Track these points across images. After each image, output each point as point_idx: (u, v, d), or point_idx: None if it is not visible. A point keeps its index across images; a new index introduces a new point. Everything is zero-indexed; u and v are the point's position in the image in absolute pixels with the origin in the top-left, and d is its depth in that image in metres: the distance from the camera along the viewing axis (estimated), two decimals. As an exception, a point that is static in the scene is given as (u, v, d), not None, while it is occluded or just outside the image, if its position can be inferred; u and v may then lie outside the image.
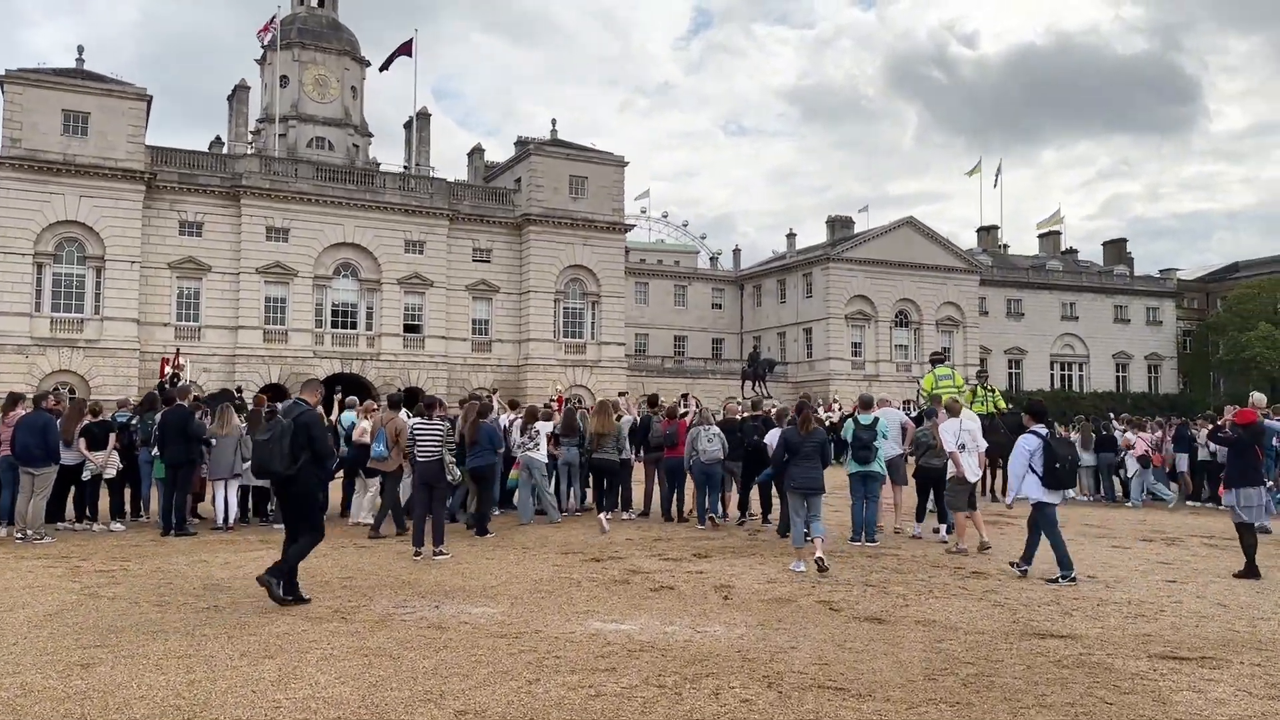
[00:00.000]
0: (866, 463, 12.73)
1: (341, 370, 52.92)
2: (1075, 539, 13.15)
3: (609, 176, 61.12)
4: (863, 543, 12.66)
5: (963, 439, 12.02)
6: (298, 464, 8.11)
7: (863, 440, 12.73)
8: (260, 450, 8.40)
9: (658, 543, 12.48)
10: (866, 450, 12.67)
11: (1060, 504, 10.26)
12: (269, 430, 8.41)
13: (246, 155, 54.71)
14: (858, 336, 70.24)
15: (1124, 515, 16.93)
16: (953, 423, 12.33)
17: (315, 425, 8.35)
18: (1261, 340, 69.79)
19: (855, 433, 12.88)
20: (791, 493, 11.26)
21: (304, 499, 8.37)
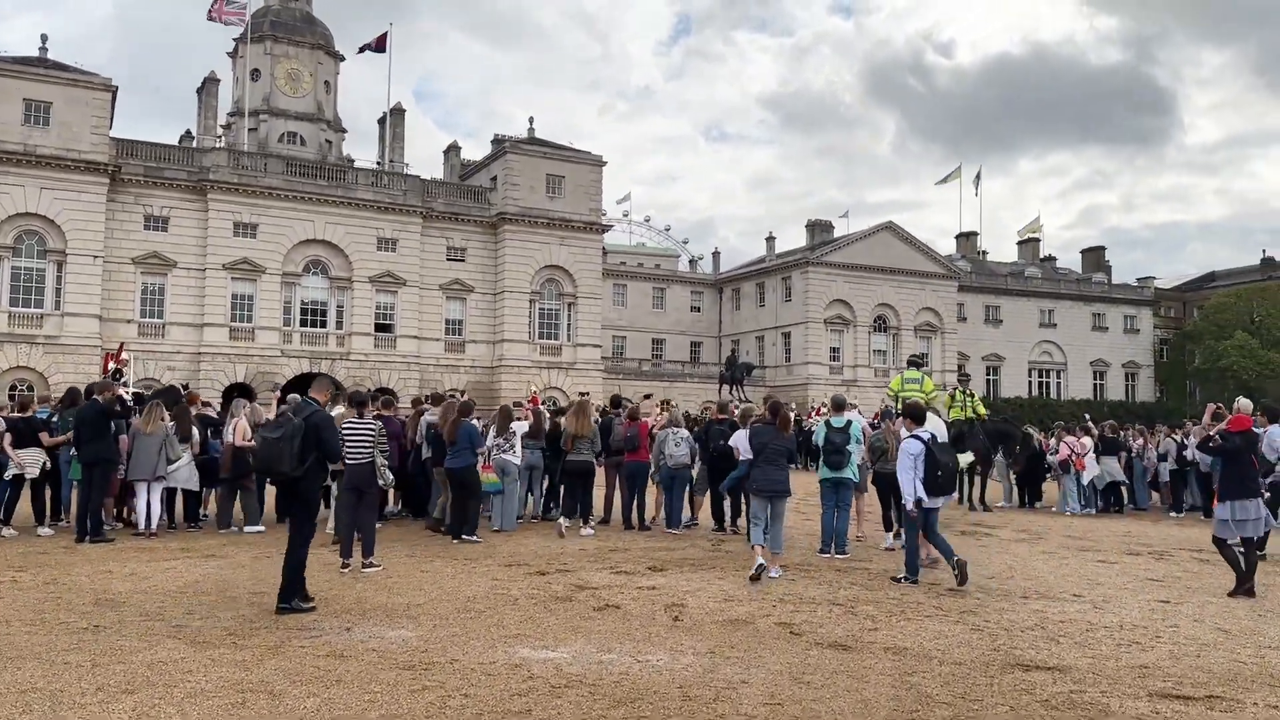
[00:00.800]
0: (839, 468, 11.93)
1: (310, 370, 51.64)
2: (1057, 552, 12.37)
3: (586, 176, 60.21)
4: (832, 554, 11.88)
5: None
6: (305, 465, 7.92)
7: (835, 444, 11.91)
8: (268, 449, 8.10)
9: (613, 554, 11.60)
10: (839, 455, 11.86)
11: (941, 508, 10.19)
12: (278, 428, 8.12)
13: (214, 149, 53.47)
14: (836, 341, 69.64)
15: (1106, 526, 16.18)
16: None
17: (326, 427, 8.15)
18: (1238, 349, 69.75)
19: (827, 435, 12.07)
20: (755, 495, 10.46)
21: (306, 502, 8.24)
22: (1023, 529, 15.30)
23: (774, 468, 10.42)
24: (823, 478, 12.16)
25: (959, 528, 15.27)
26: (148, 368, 49.66)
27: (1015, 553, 12.27)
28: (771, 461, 10.44)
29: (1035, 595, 9.19)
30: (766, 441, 10.51)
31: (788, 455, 10.60)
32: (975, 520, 16.60)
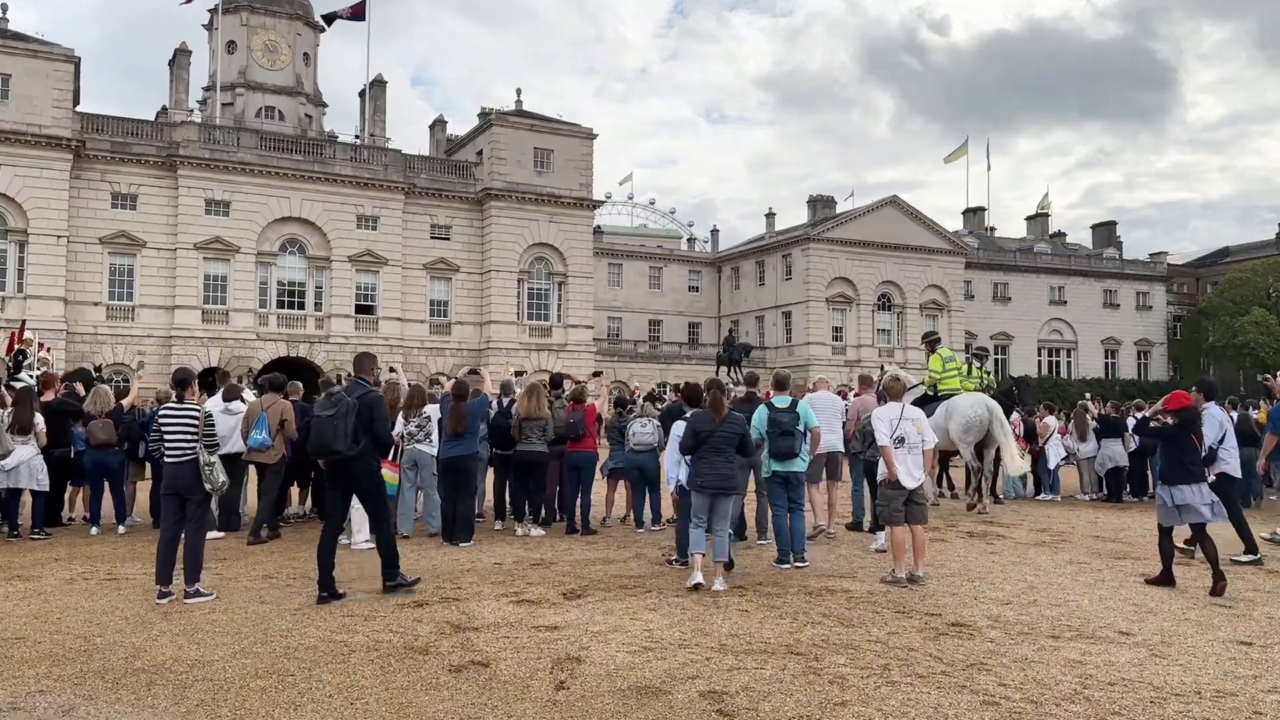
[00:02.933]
0: (790, 456, 9.68)
1: (287, 354, 49.48)
2: (1088, 562, 10.04)
3: (576, 149, 57.69)
4: (792, 565, 9.63)
5: (902, 430, 8.98)
6: (359, 445, 7.75)
7: (783, 425, 9.63)
8: (322, 427, 7.81)
9: (533, 569, 9.32)
10: (789, 438, 9.61)
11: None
12: (332, 407, 7.84)
13: (184, 123, 51.03)
14: (839, 320, 67.20)
15: (1131, 522, 13.81)
16: (891, 408, 9.18)
17: (378, 406, 7.95)
18: (1255, 326, 67.18)
19: (771, 417, 9.78)
20: (696, 492, 8.25)
21: (364, 483, 8.06)
22: (1041, 528, 12.98)
23: (719, 459, 8.27)
24: (768, 473, 9.94)
25: (965, 526, 12.96)
26: (116, 352, 47.60)
27: (1036, 564, 9.96)
28: (717, 451, 8.27)
29: (1069, 633, 6.87)
30: (710, 429, 8.28)
31: (736, 443, 8.38)
32: (985, 518, 14.29)
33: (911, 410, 9.34)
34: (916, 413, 9.37)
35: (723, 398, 8.48)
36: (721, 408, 8.39)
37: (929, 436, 9.18)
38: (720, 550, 8.29)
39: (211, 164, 49.49)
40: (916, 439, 9.05)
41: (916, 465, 8.95)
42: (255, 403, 12.15)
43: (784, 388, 10.35)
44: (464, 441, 10.88)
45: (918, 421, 9.10)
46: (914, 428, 9.05)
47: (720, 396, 8.45)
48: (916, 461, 8.95)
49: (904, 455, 8.94)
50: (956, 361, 15.86)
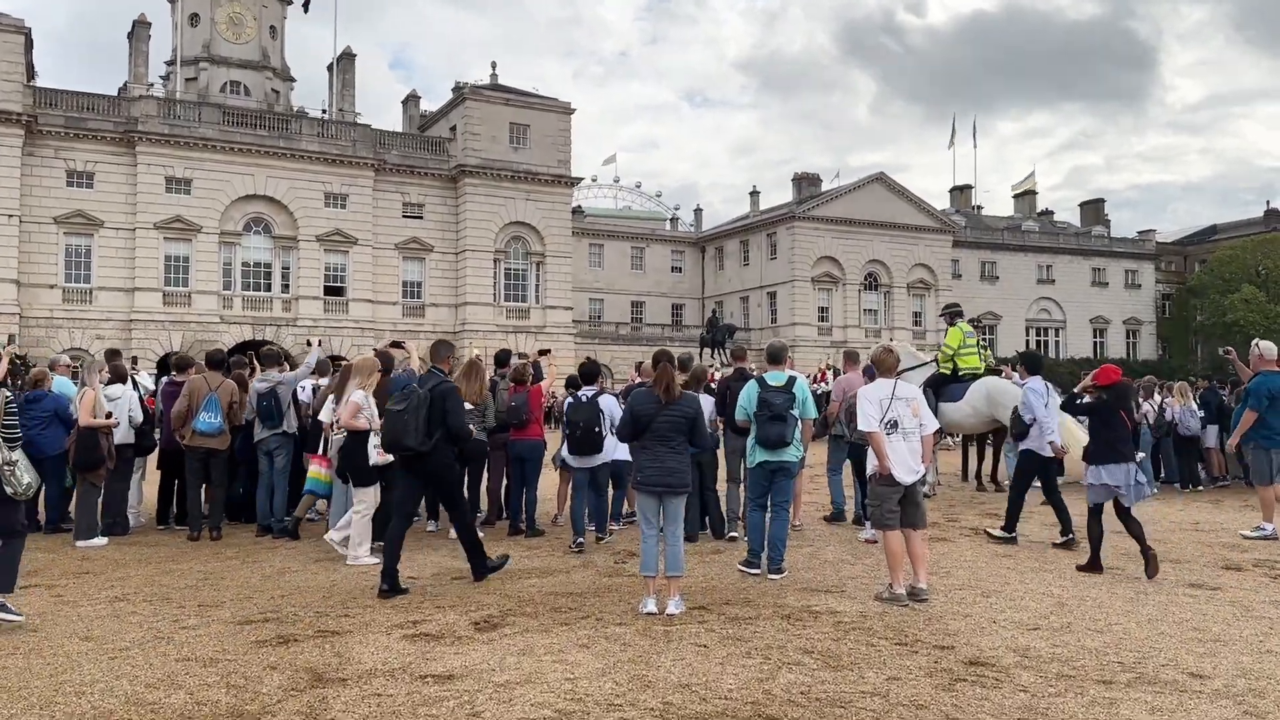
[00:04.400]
0: (780, 445, 8.05)
1: (253, 337, 47.47)
2: (1122, 566, 8.46)
3: (554, 125, 55.79)
4: (763, 573, 8.08)
5: (895, 413, 7.40)
6: (433, 439, 7.50)
7: (775, 407, 8.00)
8: (394, 422, 7.55)
9: (450, 586, 7.69)
10: (780, 424, 7.97)
11: None
12: (404, 400, 7.59)
13: (143, 97, 48.85)
14: (824, 300, 65.67)
15: (1157, 512, 12.27)
16: (881, 386, 7.57)
17: (452, 397, 7.71)
18: (1245, 303, 65.99)
19: (762, 397, 8.16)
20: (639, 492, 6.80)
21: (441, 478, 7.87)
22: (1052, 522, 11.32)
23: (665, 450, 6.71)
24: (756, 461, 8.30)
25: (968, 521, 11.40)
26: (74, 337, 45.63)
27: (1059, 571, 8.38)
28: (663, 440, 6.71)
29: (1123, 674, 5.28)
30: (652, 412, 6.67)
31: (686, 430, 6.77)
32: (985, 509, 12.73)
33: (905, 389, 7.69)
34: (911, 391, 7.73)
35: (674, 373, 6.84)
36: (672, 386, 6.76)
37: (928, 419, 7.59)
38: (674, 561, 6.68)
39: (172, 140, 47.47)
40: (913, 424, 7.46)
41: (913, 455, 7.40)
42: (199, 380, 10.60)
43: (779, 361, 8.74)
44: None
45: (913, 402, 7.54)
46: (909, 410, 7.47)
47: (670, 371, 6.81)
48: (913, 450, 7.41)
49: (897, 443, 7.38)
50: (977, 337, 14.48)
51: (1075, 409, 9.12)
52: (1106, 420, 8.28)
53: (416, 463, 7.58)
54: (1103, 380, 8.46)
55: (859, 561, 8.65)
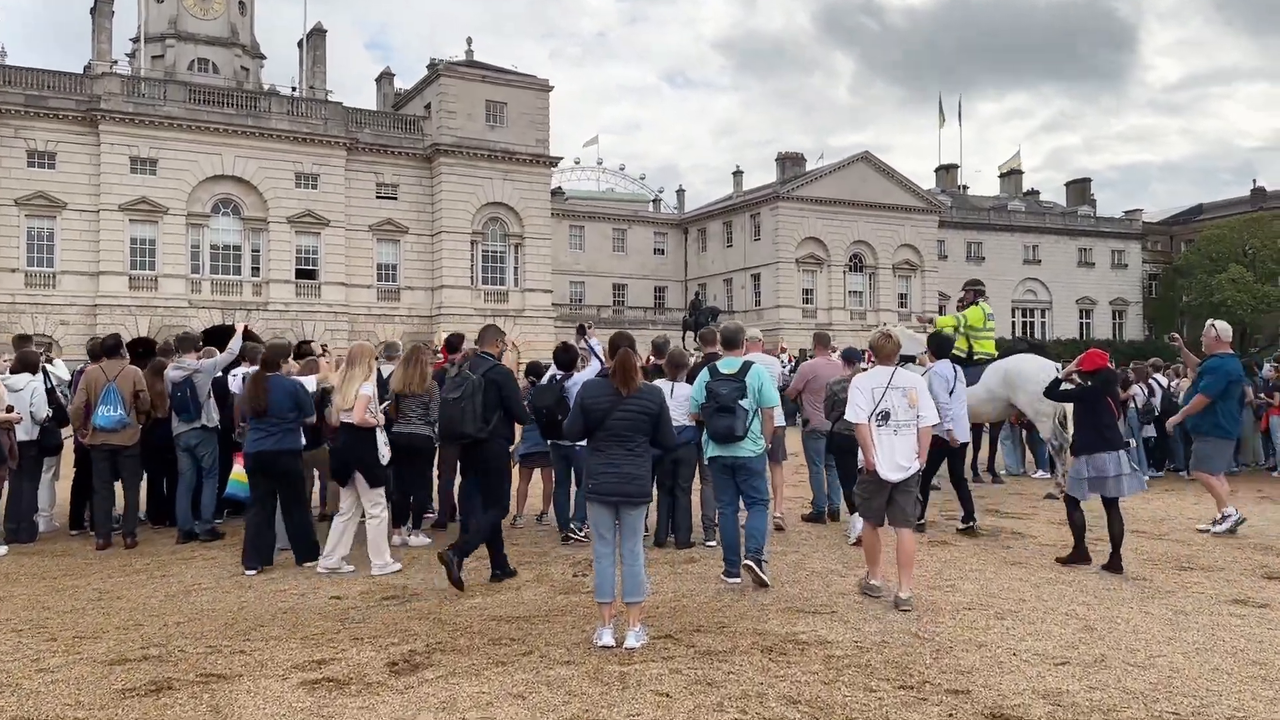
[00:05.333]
0: (730, 438, 7.17)
1: (222, 321, 46.14)
2: (1144, 575, 7.47)
3: (531, 102, 54.42)
4: (745, 565, 7.23)
5: (888, 403, 6.72)
6: (490, 426, 7.33)
7: (721, 399, 7.16)
8: (450, 409, 7.39)
9: (377, 609, 6.62)
10: (728, 415, 7.11)
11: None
12: (458, 386, 7.42)
13: (106, 75, 47.20)
14: (809, 282, 64.70)
15: (1172, 508, 11.32)
16: (876, 374, 6.89)
17: (508, 382, 7.54)
18: (1232, 283, 65.42)
19: (709, 388, 7.30)
20: (591, 502, 5.75)
21: (493, 466, 7.63)
22: (1061, 519, 10.36)
23: (623, 452, 5.70)
24: (709, 456, 7.48)
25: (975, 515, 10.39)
26: (37, 322, 44.16)
27: (1079, 583, 7.34)
28: (620, 440, 5.70)
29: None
30: (607, 407, 5.63)
31: (648, 429, 5.74)
32: (989, 502, 11.76)
33: (905, 377, 6.92)
34: (912, 379, 6.96)
35: (634, 360, 5.78)
36: (631, 375, 5.70)
37: (927, 411, 6.80)
38: (633, 584, 5.63)
39: (136, 119, 45.93)
40: (908, 415, 6.71)
41: (906, 450, 6.70)
42: (95, 371, 9.49)
43: (735, 346, 7.74)
44: (277, 430, 8.09)
45: (911, 391, 6.79)
46: (904, 400, 6.73)
47: (631, 358, 5.75)
48: (907, 445, 6.71)
49: (887, 436, 6.71)
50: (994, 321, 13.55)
51: (1060, 396, 8.66)
52: (1093, 407, 7.93)
53: (473, 450, 7.45)
54: (1088, 366, 8.14)
55: (850, 573, 7.62)
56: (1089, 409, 7.96)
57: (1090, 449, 7.77)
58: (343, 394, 8.00)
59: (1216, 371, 9.69)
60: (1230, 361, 9.78)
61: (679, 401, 8.46)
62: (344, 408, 7.99)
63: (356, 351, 8.30)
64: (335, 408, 8.12)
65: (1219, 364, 9.72)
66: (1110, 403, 7.97)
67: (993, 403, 12.52)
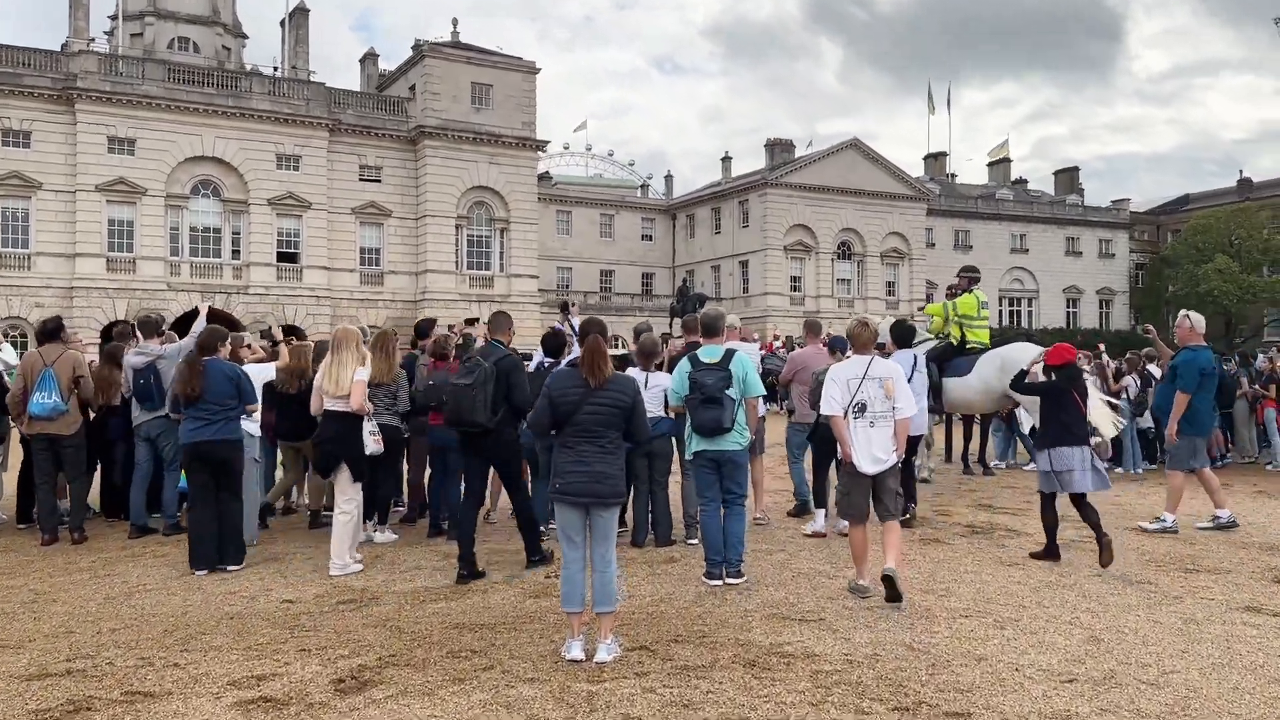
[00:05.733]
0: (718, 431, 6.79)
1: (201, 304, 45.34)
2: (1147, 577, 7.08)
3: (518, 85, 53.72)
4: (724, 578, 6.83)
5: (864, 395, 6.49)
6: (498, 416, 7.14)
7: (707, 389, 6.76)
8: (461, 397, 7.09)
9: (329, 615, 6.15)
10: (715, 407, 6.74)
11: None
12: (469, 374, 7.16)
13: (82, 53, 46.24)
14: (797, 270, 64.29)
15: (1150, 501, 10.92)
16: (852, 364, 6.68)
17: (517, 372, 7.33)
18: (1219, 273, 65.28)
19: (692, 379, 6.89)
20: (558, 503, 5.28)
21: (505, 455, 7.46)
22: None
23: (594, 449, 5.24)
24: (693, 451, 7.05)
25: (962, 516, 9.99)
26: (12, 305, 43.40)
27: (1081, 588, 6.92)
28: (589, 436, 5.24)
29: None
30: (576, 399, 5.18)
31: (620, 423, 5.31)
32: (981, 497, 11.36)
33: (883, 366, 6.66)
34: (890, 369, 6.69)
35: (604, 348, 5.30)
36: (601, 365, 5.23)
37: (904, 402, 6.56)
38: (604, 593, 5.17)
39: (113, 98, 45.05)
40: (884, 406, 6.50)
41: (882, 442, 6.50)
42: (33, 356, 9.00)
43: (715, 334, 7.30)
44: (217, 419, 7.59)
45: (887, 381, 6.54)
46: (881, 391, 6.50)
47: (600, 345, 5.28)
48: (884, 437, 6.51)
49: (863, 428, 6.51)
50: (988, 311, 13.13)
51: (1026, 389, 8.54)
52: (1060, 401, 7.77)
53: (482, 439, 7.25)
54: (1055, 360, 7.94)
55: (838, 574, 7.19)
56: (1055, 403, 7.81)
57: (1055, 442, 7.64)
58: (331, 380, 7.53)
59: (1188, 366, 9.29)
60: (1202, 354, 9.38)
61: (653, 393, 8.02)
62: (334, 394, 7.53)
63: (342, 335, 7.84)
64: (319, 395, 7.68)
65: (1191, 358, 9.32)
66: (1076, 397, 7.82)
67: (987, 393, 12.11)
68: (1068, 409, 7.73)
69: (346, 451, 7.58)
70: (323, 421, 7.75)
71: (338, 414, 7.59)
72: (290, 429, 9.53)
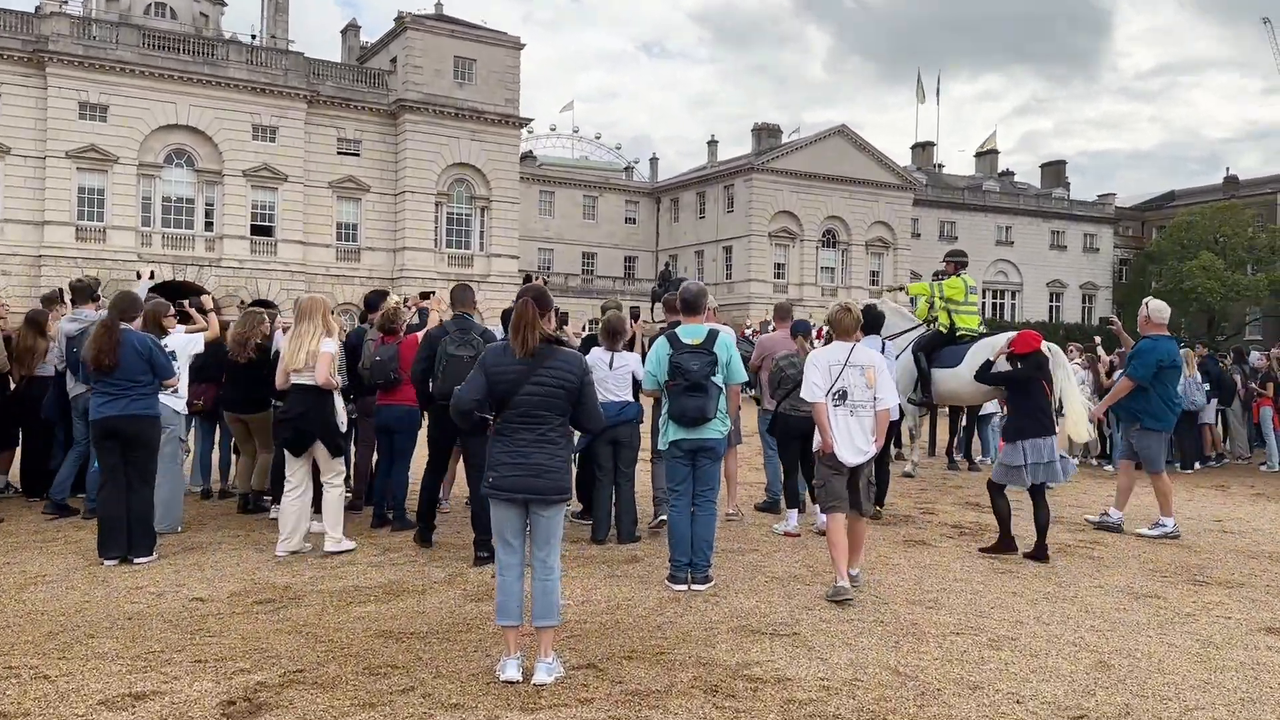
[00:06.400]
0: (699, 422, 6.18)
1: (173, 277, 44.35)
2: (1155, 590, 6.46)
3: (502, 60, 52.70)
4: (689, 586, 6.17)
5: (845, 382, 6.20)
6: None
7: (691, 373, 6.13)
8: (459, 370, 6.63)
9: (249, 613, 5.46)
10: (699, 395, 6.13)
11: None
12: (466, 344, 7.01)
13: (54, 14, 44.92)
14: (781, 257, 63.67)
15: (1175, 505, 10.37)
16: (833, 350, 6.33)
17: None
18: (1203, 270, 65.11)
19: (673, 362, 6.23)
20: (493, 500, 4.57)
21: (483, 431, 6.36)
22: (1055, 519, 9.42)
23: (532, 437, 4.52)
24: (669, 440, 6.38)
25: (947, 516, 9.37)
26: (-22, 273, 42.25)
27: (1083, 601, 6.30)
28: (529, 422, 4.52)
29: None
30: (514, 377, 4.48)
31: (564, 407, 4.59)
32: (963, 495, 10.75)
33: (864, 354, 6.33)
34: (872, 357, 6.37)
35: (533, 313, 4.55)
36: (528, 334, 4.49)
37: (885, 392, 6.29)
38: (546, 605, 4.49)
39: (86, 62, 43.81)
40: (865, 395, 6.21)
41: (863, 432, 6.22)
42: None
43: (696, 312, 6.61)
44: (130, 392, 6.86)
45: (869, 369, 6.26)
46: (863, 379, 6.22)
47: (529, 311, 4.52)
48: (864, 427, 6.23)
49: (844, 418, 6.21)
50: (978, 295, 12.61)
51: (993, 379, 8.21)
52: (1028, 390, 7.57)
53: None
54: (1022, 348, 7.69)
55: (816, 579, 6.54)
56: (1025, 392, 7.58)
57: (1028, 433, 7.43)
58: (292, 352, 6.96)
59: (1145, 355, 8.71)
60: (1163, 344, 8.77)
61: (620, 374, 7.34)
62: (295, 367, 6.96)
63: (308, 305, 7.19)
64: (283, 368, 7.07)
65: (1150, 346, 8.73)
66: (1045, 386, 7.64)
67: (978, 385, 11.49)
68: (1037, 398, 7.52)
69: (319, 427, 7.06)
70: (290, 395, 7.13)
71: (307, 387, 7.04)
72: (240, 399, 8.84)
